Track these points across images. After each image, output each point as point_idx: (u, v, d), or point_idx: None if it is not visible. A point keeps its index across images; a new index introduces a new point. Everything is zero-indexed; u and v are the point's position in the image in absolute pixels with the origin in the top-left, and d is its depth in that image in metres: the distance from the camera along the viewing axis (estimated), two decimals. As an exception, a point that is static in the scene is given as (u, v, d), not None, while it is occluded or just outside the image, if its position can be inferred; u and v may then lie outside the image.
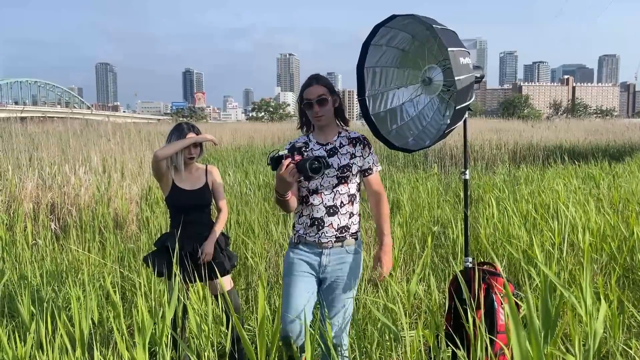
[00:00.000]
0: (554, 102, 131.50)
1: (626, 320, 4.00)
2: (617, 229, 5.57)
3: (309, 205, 3.13)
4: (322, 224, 3.12)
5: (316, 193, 3.12)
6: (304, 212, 3.17)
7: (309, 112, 3.12)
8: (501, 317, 3.13)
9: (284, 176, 2.80)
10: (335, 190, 3.12)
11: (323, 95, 3.06)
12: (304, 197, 3.15)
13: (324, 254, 3.14)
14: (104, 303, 4.54)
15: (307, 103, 3.08)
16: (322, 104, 3.06)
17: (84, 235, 6.84)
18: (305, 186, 3.13)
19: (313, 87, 3.07)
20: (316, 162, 2.78)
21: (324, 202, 3.11)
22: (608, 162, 14.09)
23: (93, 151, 10.80)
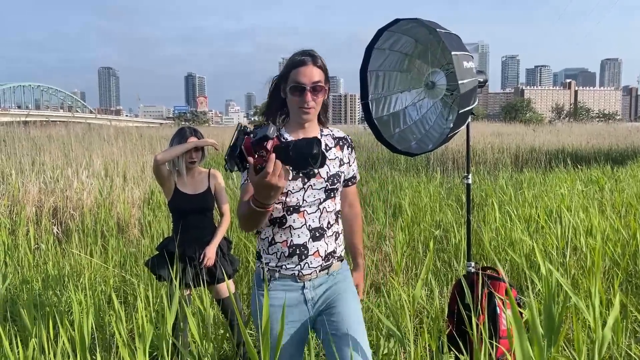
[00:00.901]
0: (556, 106, 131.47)
1: (629, 325, 3.98)
2: (620, 233, 5.55)
3: (285, 228, 2.35)
4: (305, 252, 2.37)
5: (297, 212, 2.35)
6: (277, 239, 2.37)
7: (293, 99, 2.35)
8: (504, 322, 3.12)
9: (272, 177, 1.81)
10: (322, 207, 2.41)
11: (320, 83, 2.34)
12: (277, 218, 2.35)
13: (307, 288, 2.42)
14: (105, 307, 4.53)
15: (297, 87, 2.32)
16: (317, 92, 2.35)
17: (86, 239, 6.84)
18: (280, 202, 2.33)
19: (308, 67, 2.34)
20: (315, 146, 1.80)
21: (307, 224, 2.37)
22: (610, 166, 14.06)
23: (95, 155, 10.81)
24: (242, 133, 1.90)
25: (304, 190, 2.36)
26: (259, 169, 1.79)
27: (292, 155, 1.78)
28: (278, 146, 1.81)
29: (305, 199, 2.36)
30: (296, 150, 1.77)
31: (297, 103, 2.35)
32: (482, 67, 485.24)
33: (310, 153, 1.76)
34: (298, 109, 2.36)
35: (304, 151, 1.77)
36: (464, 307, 3.10)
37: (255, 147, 1.81)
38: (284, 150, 1.79)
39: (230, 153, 1.89)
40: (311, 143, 1.77)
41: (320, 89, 2.36)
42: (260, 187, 1.84)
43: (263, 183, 1.80)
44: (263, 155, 1.79)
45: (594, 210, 6.19)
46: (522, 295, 4.43)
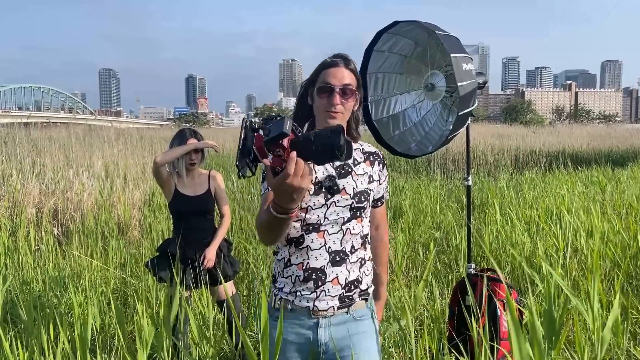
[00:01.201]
0: (557, 108, 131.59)
1: (630, 327, 3.98)
2: (620, 235, 5.55)
3: (302, 248, 2.09)
4: (322, 277, 2.07)
5: (316, 231, 2.08)
6: (293, 260, 2.10)
7: (320, 102, 2.12)
8: (504, 323, 3.12)
9: (294, 178, 1.51)
10: (346, 228, 2.11)
11: (350, 86, 2.12)
12: (294, 238, 2.09)
13: (321, 326, 2.08)
14: (105, 309, 4.53)
15: (325, 87, 2.10)
16: (347, 96, 2.11)
17: (86, 240, 6.84)
18: (299, 219, 2.07)
19: (339, 69, 2.13)
20: (341, 135, 1.49)
21: (327, 245, 2.08)
22: (611, 167, 14.06)
23: (96, 156, 10.82)
24: (250, 130, 1.59)
25: (326, 207, 2.07)
26: (278, 171, 1.52)
27: (314, 148, 1.49)
28: (296, 140, 1.51)
29: (327, 216, 2.07)
30: (319, 141, 1.48)
31: (324, 106, 2.10)
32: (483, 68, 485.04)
33: (336, 143, 1.46)
34: (324, 112, 2.11)
35: (328, 141, 1.48)
36: (464, 309, 3.10)
37: (270, 146, 1.52)
38: (304, 143, 1.50)
39: (240, 156, 1.58)
40: (336, 132, 1.48)
41: (351, 93, 2.13)
42: (282, 191, 1.55)
43: (284, 186, 1.51)
44: (280, 154, 1.51)
45: (594, 212, 6.19)
46: (522, 296, 4.43)
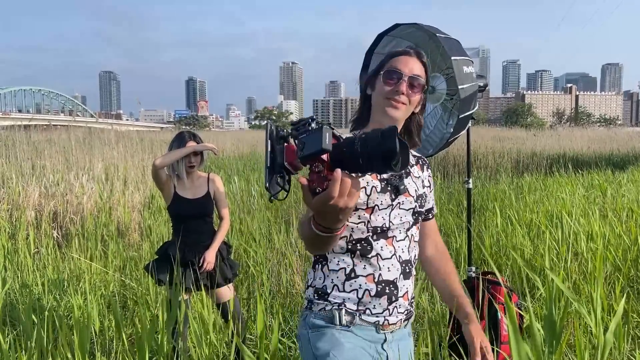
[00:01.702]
0: (557, 111, 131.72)
1: (631, 330, 3.97)
2: (621, 239, 5.54)
3: (371, 257, 1.80)
4: (395, 292, 1.82)
5: (384, 236, 1.82)
6: (358, 271, 1.79)
7: (383, 88, 1.88)
8: (505, 327, 3.11)
9: (340, 199, 1.24)
10: (411, 235, 1.91)
11: (420, 78, 1.90)
12: (359, 243, 1.80)
13: (388, 341, 1.86)
14: (105, 312, 4.52)
15: (393, 72, 1.88)
16: (414, 88, 1.89)
17: (86, 243, 6.83)
18: (362, 220, 1.80)
19: (411, 59, 1.91)
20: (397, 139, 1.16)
21: (397, 254, 1.84)
22: (611, 170, 14.05)
23: (96, 159, 10.82)
24: (278, 140, 1.27)
25: (391, 207, 1.83)
26: (318, 192, 1.24)
27: (362, 156, 1.17)
28: (338, 149, 1.20)
29: (391, 220, 1.83)
30: (368, 148, 1.16)
31: (387, 93, 1.87)
32: (483, 71, 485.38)
33: (390, 148, 1.12)
34: (385, 100, 1.88)
35: (380, 147, 1.14)
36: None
37: (306, 161, 1.24)
38: (349, 153, 1.19)
39: (269, 174, 1.25)
40: (390, 134, 1.13)
41: (419, 87, 1.90)
42: (324, 212, 1.30)
43: (327, 208, 1.25)
44: (320, 170, 1.23)
45: (595, 215, 6.18)
46: (523, 300, 4.42)
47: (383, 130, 1.15)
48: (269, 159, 1.24)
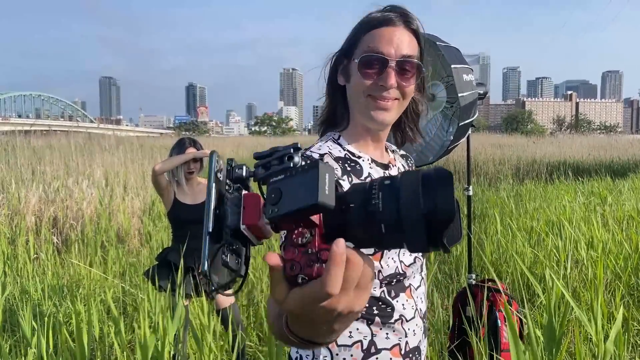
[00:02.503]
0: (558, 118, 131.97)
1: (631, 338, 3.97)
2: (622, 246, 5.54)
3: (394, 322, 1.34)
4: (418, 357, 1.41)
5: (401, 288, 1.36)
6: (380, 343, 1.31)
7: (361, 82, 1.35)
8: (505, 334, 3.11)
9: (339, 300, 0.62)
10: (424, 274, 1.50)
11: (412, 58, 1.34)
12: (376, 302, 1.32)
13: None
14: (105, 318, 4.52)
15: (372, 58, 1.32)
16: (406, 74, 1.34)
17: (86, 249, 6.83)
18: None
19: (396, 30, 1.34)
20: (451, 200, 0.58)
21: (418, 308, 1.41)
22: (612, 178, 14.05)
23: (96, 165, 10.83)
24: (230, 185, 0.72)
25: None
26: (301, 281, 0.63)
27: (386, 219, 0.61)
28: (341, 200, 0.65)
29: (402, 260, 1.35)
30: (399, 204, 0.60)
31: (369, 89, 1.35)
32: (484, 78, 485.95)
33: (448, 211, 0.59)
34: (367, 99, 1.36)
35: (426, 207, 0.59)
36: (465, 319, 3.09)
37: (283, 225, 0.66)
38: (359, 211, 0.64)
39: (209, 246, 0.68)
40: (440, 183, 0.60)
41: (413, 70, 1.35)
42: (308, 318, 0.67)
43: (315, 312, 0.64)
44: (306, 242, 0.64)
45: (595, 223, 6.18)
46: (523, 307, 4.42)
47: (426, 174, 0.61)
48: (210, 219, 0.67)
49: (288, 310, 0.68)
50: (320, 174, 0.61)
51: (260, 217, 0.68)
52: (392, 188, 0.62)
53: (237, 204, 0.69)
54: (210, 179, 0.69)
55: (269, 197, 0.64)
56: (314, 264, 0.62)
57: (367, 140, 1.44)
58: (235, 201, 0.69)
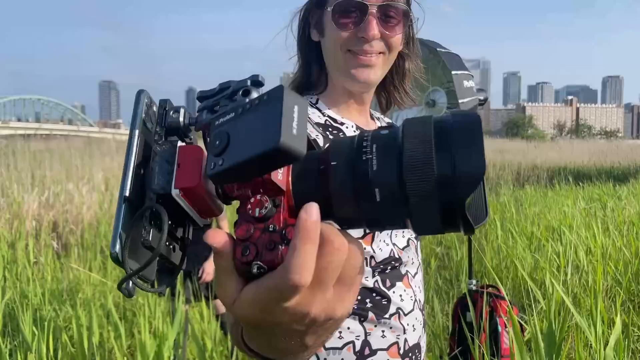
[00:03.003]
0: (558, 123, 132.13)
1: (631, 344, 3.96)
2: (622, 252, 5.54)
3: (391, 317, 1.14)
4: (419, 355, 1.22)
5: (398, 276, 1.17)
6: (375, 343, 1.12)
7: (338, 34, 1.16)
8: (505, 340, 3.10)
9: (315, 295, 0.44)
10: (421, 257, 1.32)
11: (399, 2, 1.16)
12: (369, 293, 1.12)
13: None
14: (104, 323, 4.51)
15: (347, 4, 1.14)
16: (390, 21, 1.16)
17: (85, 253, 6.82)
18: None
19: None
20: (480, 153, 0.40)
21: (417, 298, 1.22)
22: (612, 183, 14.05)
23: (96, 169, 10.83)
24: (163, 132, 0.52)
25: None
26: (258, 271, 0.43)
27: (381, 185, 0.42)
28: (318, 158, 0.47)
29: (395, 242, 1.17)
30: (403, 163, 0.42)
31: (347, 42, 1.16)
32: (484, 83, 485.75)
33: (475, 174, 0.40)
34: (346, 55, 1.17)
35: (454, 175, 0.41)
36: (465, 325, 3.09)
37: (230, 184, 0.47)
38: (344, 174, 0.44)
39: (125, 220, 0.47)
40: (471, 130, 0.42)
41: (399, 17, 1.17)
42: (268, 327, 0.47)
43: (278, 316, 0.45)
44: (267, 214, 0.44)
45: (596, 229, 6.18)
46: (523, 313, 4.41)
47: (442, 121, 0.44)
48: (129, 180, 0.47)
49: (241, 317, 0.47)
50: (285, 107, 0.41)
51: (201, 179, 0.47)
52: (391, 140, 0.44)
53: (169, 160, 0.49)
54: (133, 125, 0.48)
55: (211, 145, 0.44)
56: (277, 247, 0.43)
57: (349, 104, 1.25)
58: (166, 156, 0.49)
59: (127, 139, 0.48)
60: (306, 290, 0.43)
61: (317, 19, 1.22)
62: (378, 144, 0.44)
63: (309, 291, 0.43)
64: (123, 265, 0.44)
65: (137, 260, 0.46)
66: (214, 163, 0.43)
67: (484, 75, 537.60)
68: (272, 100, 0.42)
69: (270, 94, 0.43)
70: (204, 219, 0.51)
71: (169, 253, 0.49)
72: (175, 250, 0.50)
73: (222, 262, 0.45)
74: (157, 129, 0.51)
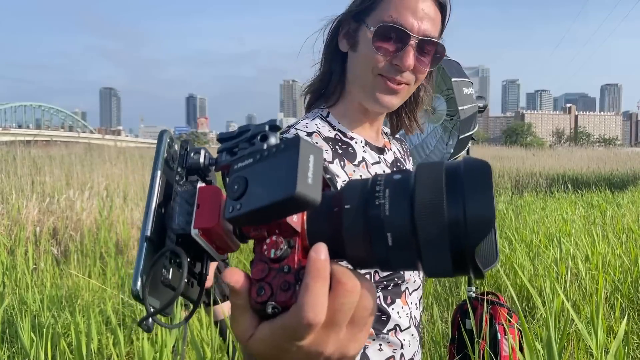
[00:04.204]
0: (557, 130, 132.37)
1: (631, 352, 3.96)
2: (621, 260, 5.54)
3: (387, 333, 1.18)
4: None
5: (397, 293, 1.20)
6: (372, 356, 1.16)
7: (372, 56, 1.16)
8: (505, 347, 3.10)
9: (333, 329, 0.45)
10: (421, 277, 1.33)
11: (436, 40, 1.17)
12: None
13: None
14: (103, 329, 4.51)
15: (390, 29, 1.13)
16: (425, 54, 1.17)
17: (85, 260, 6.82)
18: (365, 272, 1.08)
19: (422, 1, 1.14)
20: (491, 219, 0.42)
21: (412, 315, 1.25)
22: (611, 190, 14.06)
23: (96, 175, 10.84)
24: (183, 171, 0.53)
25: None
26: (272, 311, 0.45)
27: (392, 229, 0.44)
28: (331, 200, 0.48)
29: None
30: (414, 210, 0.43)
31: (381, 67, 1.16)
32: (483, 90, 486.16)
33: (485, 222, 0.42)
34: (377, 78, 1.17)
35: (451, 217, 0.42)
36: (465, 332, 3.09)
37: (248, 227, 0.48)
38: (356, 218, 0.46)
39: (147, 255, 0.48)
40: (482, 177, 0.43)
41: (431, 52, 1.17)
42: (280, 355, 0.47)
43: (289, 352, 0.46)
44: (283, 256, 0.46)
45: (596, 236, 6.18)
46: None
47: (453, 168, 0.44)
48: (150, 220, 0.49)
49: (256, 354, 0.48)
50: (302, 156, 0.43)
51: (220, 219, 0.49)
52: (403, 185, 0.45)
53: (189, 200, 0.50)
54: (156, 166, 0.50)
55: (230, 189, 0.46)
56: (291, 288, 0.44)
57: (362, 120, 1.27)
58: (186, 196, 0.50)
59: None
60: (320, 330, 0.44)
61: (350, 31, 1.21)
62: (390, 188, 0.45)
63: (323, 331, 0.45)
64: (144, 302, 0.46)
65: (157, 297, 0.48)
66: (232, 207, 0.45)
67: (483, 82, 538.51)
68: (289, 148, 0.44)
69: (287, 142, 0.45)
70: (221, 255, 0.53)
71: (187, 290, 0.51)
72: (193, 286, 0.53)
73: (238, 300, 0.47)
74: (179, 169, 0.52)
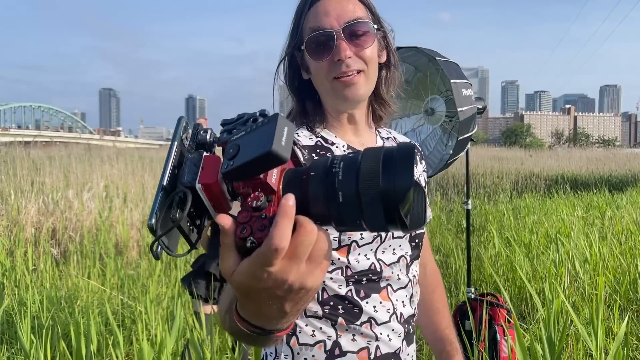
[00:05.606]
0: (556, 131, 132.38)
1: (630, 353, 3.96)
2: (620, 261, 5.54)
3: (361, 325, 1.22)
4: None
5: (376, 289, 1.24)
6: (345, 345, 1.21)
7: (317, 66, 1.26)
8: (504, 348, 3.11)
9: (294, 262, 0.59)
10: (412, 276, 1.34)
11: (361, 19, 1.24)
12: (341, 300, 1.21)
13: None
14: (103, 330, 4.51)
15: (316, 38, 1.24)
16: (359, 37, 1.24)
17: (84, 261, 6.81)
18: (339, 266, 1.20)
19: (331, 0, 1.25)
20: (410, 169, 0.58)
21: (397, 311, 1.27)
22: (610, 192, 14.06)
23: (95, 176, 10.83)
24: (194, 146, 0.71)
25: (379, 240, 1.24)
26: (250, 246, 0.60)
27: (346, 194, 0.60)
28: (300, 172, 0.65)
29: (381, 258, 1.24)
30: (358, 179, 0.59)
31: (328, 70, 1.24)
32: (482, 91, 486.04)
33: (404, 187, 0.57)
34: (332, 84, 1.25)
35: (385, 185, 0.58)
36: (464, 333, 3.09)
37: (236, 180, 0.63)
38: (318, 185, 0.62)
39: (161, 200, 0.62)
40: (402, 160, 0.59)
41: (365, 33, 1.24)
42: (255, 294, 0.63)
43: (262, 283, 0.61)
44: (261, 206, 0.61)
45: (594, 237, 6.18)
46: (522, 322, 4.41)
47: (388, 151, 0.60)
48: (167, 174, 0.63)
49: (236, 285, 0.62)
50: (278, 126, 0.60)
51: (217, 177, 0.63)
52: (353, 161, 0.61)
53: (196, 164, 0.66)
54: (174, 139, 0.68)
55: (227, 152, 0.62)
56: (266, 229, 0.59)
57: (343, 124, 1.34)
58: (195, 161, 0.66)
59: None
60: (284, 261, 0.58)
61: (301, 60, 1.32)
62: (344, 161, 0.61)
63: (286, 262, 0.59)
64: (155, 233, 0.60)
65: (164, 230, 0.62)
66: (227, 164, 0.60)
67: (482, 83, 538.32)
68: (270, 121, 0.61)
69: (269, 118, 0.62)
70: (216, 212, 0.65)
71: (189, 232, 0.64)
72: (193, 232, 0.65)
73: (226, 239, 0.60)
74: (190, 143, 0.70)
